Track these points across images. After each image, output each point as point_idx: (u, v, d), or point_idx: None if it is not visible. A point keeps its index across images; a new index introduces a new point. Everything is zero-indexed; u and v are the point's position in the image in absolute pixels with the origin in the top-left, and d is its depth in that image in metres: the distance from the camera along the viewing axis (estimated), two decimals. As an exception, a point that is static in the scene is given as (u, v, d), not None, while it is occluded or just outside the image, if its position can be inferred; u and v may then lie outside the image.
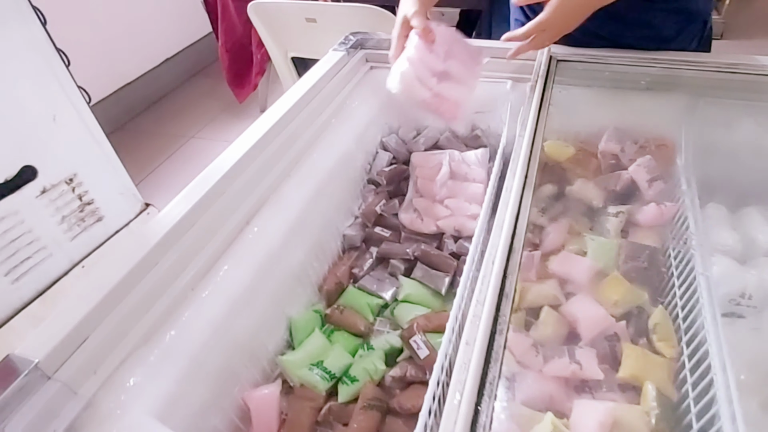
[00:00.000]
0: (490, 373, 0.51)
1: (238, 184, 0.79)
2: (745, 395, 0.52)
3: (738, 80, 0.87)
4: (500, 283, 0.57)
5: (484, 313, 0.54)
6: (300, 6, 1.85)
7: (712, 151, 0.85)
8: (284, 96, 0.94)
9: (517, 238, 0.62)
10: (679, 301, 0.73)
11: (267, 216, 0.83)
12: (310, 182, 0.93)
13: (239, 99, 2.75)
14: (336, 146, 1.00)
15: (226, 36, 2.59)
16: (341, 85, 1.06)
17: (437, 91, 0.82)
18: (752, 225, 0.81)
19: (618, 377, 0.69)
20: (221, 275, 0.73)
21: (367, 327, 0.90)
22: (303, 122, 0.94)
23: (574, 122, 1.00)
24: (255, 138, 0.83)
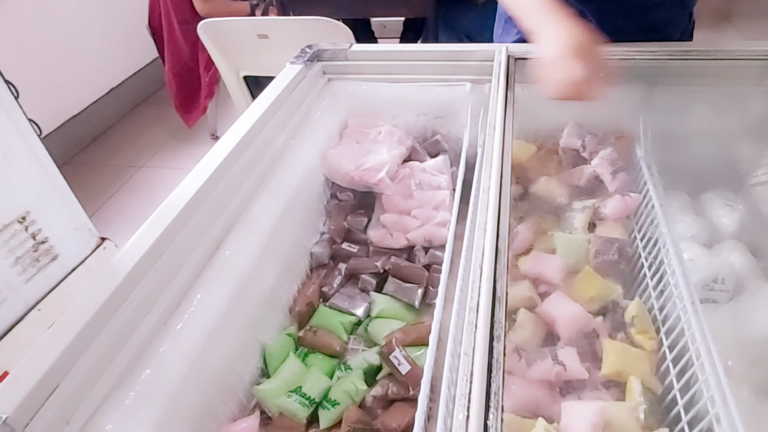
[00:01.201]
0: (493, 383, 0.48)
1: (205, 208, 0.76)
2: (734, 381, 0.51)
3: (690, 67, 0.88)
4: (492, 287, 0.55)
5: (480, 320, 0.52)
6: (251, 23, 1.84)
7: (669, 139, 0.86)
8: (245, 113, 0.91)
9: (501, 240, 0.60)
10: (653, 291, 0.73)
11: (237, 239, 0.80)
12: (278, 200, 0.90)
13: (188, 124, 2.70)
14: (300, 162, 0.98)
15: (173, 60, 2.54)
16: (301, 99, 1.04)
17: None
18: (714, 210, 0.82)
19: (601, 375, 0.68)
20: (195, 305, 0.70)
21: (341, 347, 0.88)
22: (266, 139, 0.92)
23: (534, 120, 1.01)
24: (218, 159, 0.80)
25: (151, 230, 0.68)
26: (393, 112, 1.11)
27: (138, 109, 3.22)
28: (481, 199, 0.65)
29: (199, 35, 1.91)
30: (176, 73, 2.56)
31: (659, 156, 0.82)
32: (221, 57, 2.00)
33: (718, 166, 0.85)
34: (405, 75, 1.07)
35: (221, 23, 1.85)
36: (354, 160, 1.02)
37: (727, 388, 0.50)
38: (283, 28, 1.78)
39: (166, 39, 2.52)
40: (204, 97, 2.61)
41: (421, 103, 1.08)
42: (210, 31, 1.88)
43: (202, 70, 2.54)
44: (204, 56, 2.42)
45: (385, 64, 1.08)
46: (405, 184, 1.02)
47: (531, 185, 0.99)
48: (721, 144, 0.85)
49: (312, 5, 2.28)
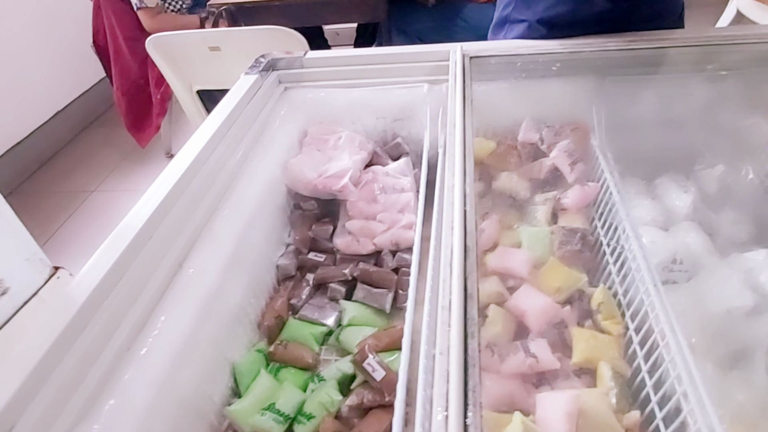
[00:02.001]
0: (470, 380, 0.49)
1: (165, 226, 0.75)
2: (699, 358, 0.54)
3: (637, 56, 0.92)
4: (463, 284, 0.56)
5: (453, 318, 0.53)
6: (201, 35, 1.81)
7: (622, 128, 0.90)
8: (201, 127, 0.91)
9: (469, 236, 0.61)
10: (616, 277, 0.75)
11: (201, 256, 0.79)
12: (240, 214, 0.89)
13: (141, 144, 2.64)
14: (260, 173, 0.97)
15: (121, 79, 2.50)
16: (258, 109, 1.03)
17: None
18: (668, 193, 0.86)
19: (572, 363, 0.70)
20: (159, 327, 0.68)
21: (314, 358, 0.87)
22: (224, 152, 0.91)
23: (491, 117, 1.03)
24: (176, 176, 0.79)
25: (107, 254, 0.66)
26: (352, 118, 1.12)
27: (86, 131, 3.14)
28: (446, 197, 0.66)
29: (148, 51, 1.88)
30: (125, 91, 2.51)
31: (614, 144, 0.85)
32: (172, 72, 1.97)
33: (670, 150, 0.89)
34: (362, 80, 1.08)
35: (170, 37, 1.82)
36: (315, 168, 1.02)
37: (693, 365, 0.52)
38: (234, 39, 1.77)
39: (112, 57, 2.47)
40: (156, 114, 2.56)
41: (380, 106, 1.09)
42: (159, 46, 1.85)
43: (152, 87, 2.49)
44: (154, 73, 2.39)
45: (341, 70, 1.09)
46: (368, 188, 1.03)
47: (493, 181, 1.01)
48: (671, 129, 0.89)
49: (263, 15, 2.28)
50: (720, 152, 0.87)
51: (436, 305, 0.57)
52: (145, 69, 2.45)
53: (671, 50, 0.89)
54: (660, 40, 0.92)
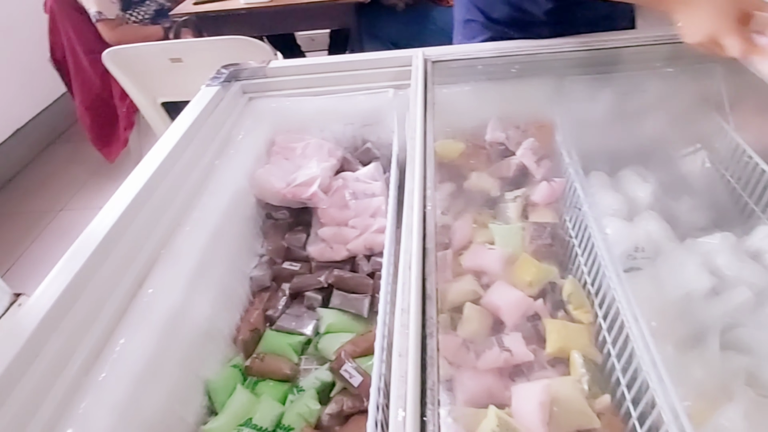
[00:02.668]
0: (429, 379, 0.52)
1: (123, 246, 0.75)
2: (659, 340, 0.57)
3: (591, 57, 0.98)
4: (421, 285, 0.59)
5: (411, 319, 0.55)
6: (161, 47, 1.82)
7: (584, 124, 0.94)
8: (159, 142, 0.91)
9: (428, 239, 0.64)
10: (585, 268, 0.79)
11: (161, 274, 0.79)
12: (205, 228, 0.90)
13: (109, 159, 2.63)
14: (226, 185, 0.99)
15: (83, 93, 2.48)
16: (221, 121, 1.05)
17: None
18: (630, 185, 0.90)
19: (546, 354, 0.74)
20: (118, 351, 0.68)
21: (292, 369, 0.89)
22: (185, 166, 0.92)
23: (459, 119, 1.07)
24: (134, 192, 0.80)
25: (60, 277, 0.66)
26: (320, 125, 1.14)
27: (50, 148, 3.11)
28: (406, 201, 0.69)
29: (106, 65, 1.88)
30: (88, 106, 2.50)
31: (577, 141, 0.90)
32: (133, 85, 1.98)
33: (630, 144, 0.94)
34: (328, 87, 1.11)
35: (129, 50, 1.83)
36: (284, 178, 1.05)
37: (653, 348, 0.56)
38: (197, 50, 1.78)
39: (72, 71, 2.46)
40: (123, 128, 2.54)
41: (347, 113, 1.12)
42: (117, 59, 1.85)
43: (117, 101, 2.47)
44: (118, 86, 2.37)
45: (306, 78, 1.11)
46: (339, 195, 1.05)
47: (464, 182, 1.04)
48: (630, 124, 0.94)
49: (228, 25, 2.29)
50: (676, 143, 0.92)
51: (398, 307, 0.59)
52: (108, 82, 2.43)
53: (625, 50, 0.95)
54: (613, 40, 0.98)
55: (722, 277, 0.72)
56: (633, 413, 0.61)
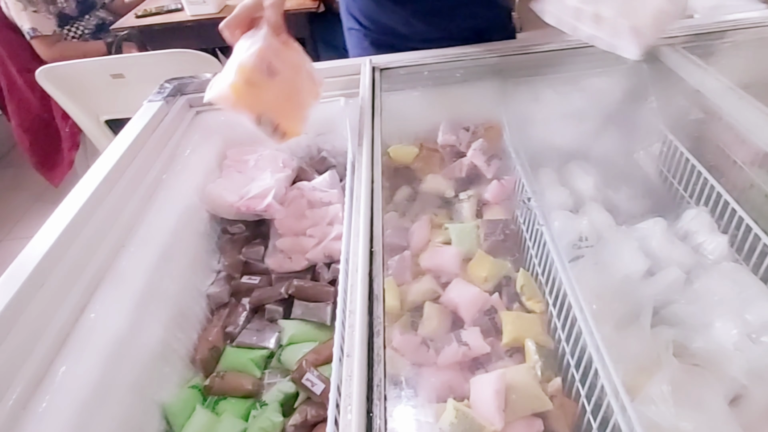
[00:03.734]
0: (375, 377, 0.56)
1: (60, 271, 0.73)
2: (600, 322, 0.64)
3: (533, 60, 1.07)
4: (368, 286, 0.63)
5: (357, 319, 0.59)
6: (101, 63, 1.81)
7: (529, 123, 1.02)
8: (99, 160, 0.91)
9: (375, 240, 0.69)
10: (536, 260, 0.86)
11: (105, 297, 0.78)
12: (152, 247, 0.90)
13: (54, 182, 2.58)
14: (175, 202, 0.99)
15: (20, 115, 2.45)
16: (167, 137, 1.05)
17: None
18: (574, 179, 0.99)
19: (503, 345, 0.80)
20: (59, 380, 0.67)
21: (255, 384, 0.89)
22: (128, 184, 0.91)
23: (410, 124, 1.13)
24: (70, 215, 0.78)
25: None
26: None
27: (-12, 175, 3.05)
28: (354, 206, 0.73)
29: (40, 83, 1.84)
30: (27, 128, 2.46)
31: (524, 139, 0.98)
32: (73, 103, 1.95)
33: (572, 140, 1.02)
34: (278, 97, 1.14)
35: (64, 67, 1.81)
36: (237, 191, 1.07)
37: (594, 329, 0.63)
38: (140, 65, 1.78)
39: (6, 92, 2.42)
40: (68, 149, 2.51)
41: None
42: (52, 76, 1.83)
43: (59, 121, 2.44)
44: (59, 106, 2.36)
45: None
46: (296, 205, 1.09)
47: (419, 185, 1.11)
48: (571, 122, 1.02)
49: (173, 38, 2.28)
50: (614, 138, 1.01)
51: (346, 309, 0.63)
52: (48, 102, 2.38)
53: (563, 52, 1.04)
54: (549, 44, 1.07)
55: (656, 259, 0.80)
56: (582, 392, 0.68)
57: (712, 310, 0.69)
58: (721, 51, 1.00)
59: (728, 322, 0.67)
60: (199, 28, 2.32)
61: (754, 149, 0.80)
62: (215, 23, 2.43)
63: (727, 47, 1.01)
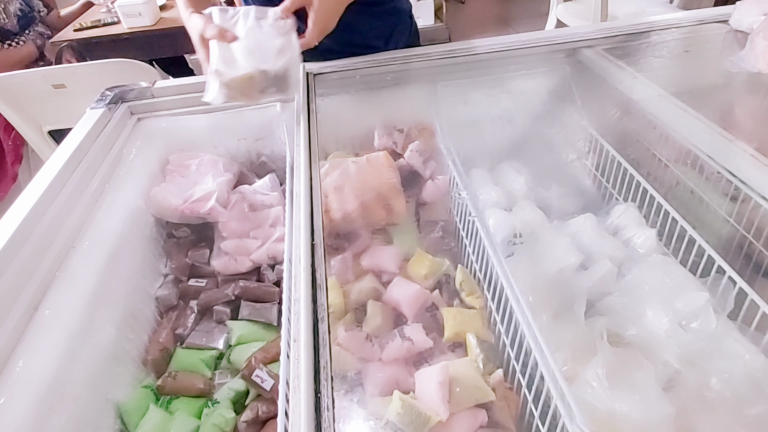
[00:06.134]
0: (322, 359, 0.52)
1: (12, 269, 0.70)
2: (536, 313, 0.61)
3: (461, 63, 1.03)
4: (311, 276, 0.59)
5: (302, 306, 0.55)
6: (42, 74, 1.68)
7: (461, 125, 0.99)
8: (45, 166, 0.85)
9: (316, 233, 0.65)
10: (473, 257, 0.82)
11: (57, 296, 0.74)
12: (101, 249, 0.85)
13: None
14: (120, 206, 0.93)
15: (-42, 129, 2.23)
16: (110, 143, 0.99)
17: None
18: (507, 178, 0.96)
19: (445, 339, 0.76)
20: (17, 373, 0.64)
21: (206, 384, 0.85)
22: (74, 188, 0.86)
23: (345, 128, 1.08)
24: (20, 216, 0.74)
25: None
26: (213, 142, 1.11)
27: (-73, 191, 2.76)
28: (294, 202, 0.69)
29: (-22, 95, 1.70)
30: (-31, 142, 2.25)
31: (456, 141, 0.93)
32: (16, 114, 1.81)
33: (503, 141, 1.00)
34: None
35: (5, 78, 1.67)
36: (180, 195, 1.00)
37: (531, 320, 0.60)
38: (80, 74, 1.67)
39: (-57, 106, 2.21)
40: (11, 162, 2.31)
41: (239, 128, 1.09)
42: (-6, 88, 1.69)
43: (0, 134, 2.26)
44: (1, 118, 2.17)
45: (194, 96, 1.06)
46: (238, 208, 1.02)
47: (359, 188, 1.05)
48: (500, 122, 1.00)
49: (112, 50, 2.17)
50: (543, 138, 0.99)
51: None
52: (-12, 115, 2.22)
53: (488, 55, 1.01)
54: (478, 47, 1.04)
55: (588, 253, 0.78)
56: (522, 382, 0.64)
57: (644, 300, 0.67)
58: (641, 52, 0.99)
59: (659, 311, 0.65)
60: (136, 40, 2.24)
61: (678, 147, 0.79)
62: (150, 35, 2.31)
63: (646, 48, 1.00)
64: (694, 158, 0.80)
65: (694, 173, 0.81)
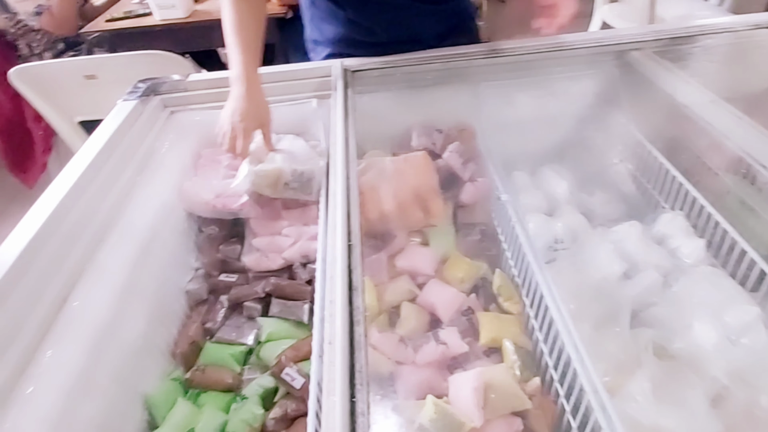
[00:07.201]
0: (357, 363, 0.53)
1: (42, 261, 0.72)
2: (578, 322, 0.61)
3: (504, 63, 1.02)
4: (347, 278, 0.60)
5: (338, 308, 0.56)
6: (74, 64, 1.72)
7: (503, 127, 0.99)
8: (75, 157, 0.87)
9: (353, 235, 0.65)
10: (512, 261, 0.82)
11: (87, 288, 0.76)
12: (131, 242, 0.87)
13: (28, 185, 2.44)
14: (152, 200, 0.95)
15: (-7, 117, 2.31)
16: (143, 135, 1.01)
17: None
18: (548, 182, 0.95)
19: (480, 344, 0.76)
20: (45, 362, 0.66)
21: (235, 379, 0.87)
22: (105, 181, 0.88)
23: (382, 127, 1.08)
24: (50, 208, 0.76)
25: None
26: (246, 137, 1.12)
27: (-39, 178, 2.87)
28: (330, 202, 0.70)
29: (13, 84, 1.74)
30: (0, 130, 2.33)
31: (497, 143, 0.94)
32: (47, 105, 1.85)
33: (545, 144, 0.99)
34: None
35: (38, 68, 1.72)
36: (213, 189, 1.02)
37: (572, 327, 0.60)
38: (112, 65, 1.70)
39: (-23, 95, 2.29)
40: (41, 152, 2.38)
41: (274, 123, 1.10)
42: (25, 77, 1.72)
43: (31, 123, 2.31)
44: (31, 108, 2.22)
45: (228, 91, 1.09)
46: (271, 204, 1.04)
47: (395, 188, 1.06)
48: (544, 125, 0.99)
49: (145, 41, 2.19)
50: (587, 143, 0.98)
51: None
52: (20, 104, 2.26)
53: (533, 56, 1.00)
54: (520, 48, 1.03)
55: (632, 262, 0.77)
56: (561, 392, 0.64)
57: (691, 313, 0.67)
58: (692, 56, 0.98)
59: (707, 324, 0.65)
60: (169, 32, 2.24)
61: (730, 155, 0.78)
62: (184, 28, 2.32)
63: (698, 52, 0.98)
64: (747, 167, 0.79)
65: (747, 183, 0.80)
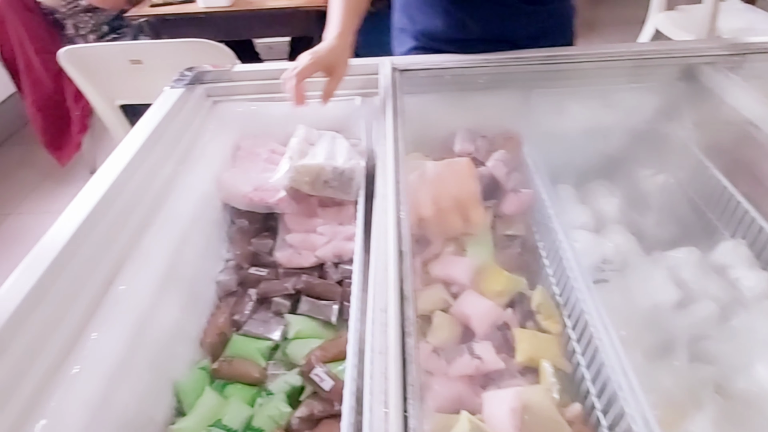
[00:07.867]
0: (409, 375, 0.51)
1: (90, 244, 0.73)
2: (629, 349, 0.58)
3: (557, 71, 1.00)
4: (399, 286, 0.59)
5: (390, 318, 0.55)
6: (121, 48, 1.76)
7: (551, 137, 0.96)
8: (124, 141, 0.89)
9: (404, 242, 0.64)
10: (553, 279, 0.80)
11: (132, 272, 0.77)
12: (173, 230, 0.88)
13: (62, 162, 2.52)
14: (192, 188, 0.96)
15: (35, 93, 2.37)
16: (186, 124, 1.02)
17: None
18: (597, 199, 0.92)
19: (516, 363, 0.74)
20: (90, 345, 0.67)
21: (261, 373, 0.87)
22: (151, 167, 0.89)
23: (426, 129, 1.06)
24: (100, 192, 0.77)
25: (27, 273, 0.65)
26: (286, 131, 1.11)
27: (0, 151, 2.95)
28: (380, 206, 0.68)
29: (61, 64, 1.79)
30: (40, 107, 2.39)
31: (544, 153, 0.91)
32: (91, 86, 1.89)
33: (595, 158, 0.96)
34: (294, 93, 1.09)
35: (86, 50, 1.76)
36: (251, 182, 1.02)
37: (623, 356, 0.57)
38: (157, 52, 1.72)
39: (22, 71, 2.34)
40: (77, 131, 2.45)
41: (314, 120, 1.10)
42: (74, 59, 1.77)
43: (70, 103, 2.38)
44: (71, 87, 2.28)
45: (272, 83, 1.08)
46: (307, 201, 1.03)
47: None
48: (595, 138, 0.96)
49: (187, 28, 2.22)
50: (641, 159, 0.95)
51: (375, 309, 0.59)
52: (61, 83, 2.34)
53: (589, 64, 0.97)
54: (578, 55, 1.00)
55: (688, 290, 0.74)
56: (603, 421, 0.62)
57: (753, 350, 0.63)
58: (765, 72, 0.93)
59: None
60: (211, 20, 2.26)
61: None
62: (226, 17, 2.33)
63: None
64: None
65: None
